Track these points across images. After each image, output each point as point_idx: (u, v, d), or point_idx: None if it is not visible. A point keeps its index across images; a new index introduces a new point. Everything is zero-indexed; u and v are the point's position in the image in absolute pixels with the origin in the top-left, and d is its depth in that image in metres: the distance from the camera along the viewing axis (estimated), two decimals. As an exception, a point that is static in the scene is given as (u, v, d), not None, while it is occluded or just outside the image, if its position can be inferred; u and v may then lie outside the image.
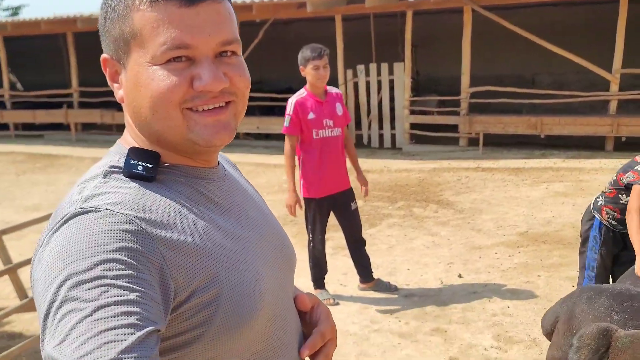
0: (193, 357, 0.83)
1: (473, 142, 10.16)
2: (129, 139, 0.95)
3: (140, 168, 0.88)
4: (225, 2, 0.89)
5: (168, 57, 0.85)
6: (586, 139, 9.64)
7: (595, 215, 3.26)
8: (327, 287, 4.40)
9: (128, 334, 0.70)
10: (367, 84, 11.01)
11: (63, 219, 0.81)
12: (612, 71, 9.19)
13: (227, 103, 0.91)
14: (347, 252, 4.87)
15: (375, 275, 4.53)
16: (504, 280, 4.50)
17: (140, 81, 0.87)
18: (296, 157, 4.11)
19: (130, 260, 0.76)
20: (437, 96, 11.83)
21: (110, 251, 0.76)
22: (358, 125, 11.37)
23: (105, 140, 13.40)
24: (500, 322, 3.82)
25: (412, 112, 10.71)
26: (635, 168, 3.05)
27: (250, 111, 12.28)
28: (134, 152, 0.91)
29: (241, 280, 0.89)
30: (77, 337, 0.69)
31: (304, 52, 3.91)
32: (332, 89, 4.18)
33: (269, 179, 8.83)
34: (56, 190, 8.74)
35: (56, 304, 0.73)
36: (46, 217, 4.21)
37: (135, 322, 0.71)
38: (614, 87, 9.22)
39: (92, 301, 0.71)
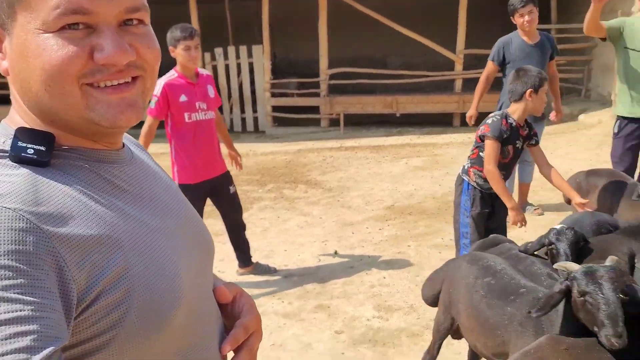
0: None
1: (334, 122, 10.43)
2: (16, 119, 0.81)
3: (30, 151, 0.75)
4: None
5: (62, 23, 0.73)
6: (436, 116, 10.31)
7: (464, 178, 3.47)
8: None
9: (24, 359, 0.60)
10: (227, 67, 10.82)
11: None
12: (456, 52, 9.90)
13: (133, 78, 0.80)
14: (220, 238, 4.77)
15: (254, 259, 4.48)
16: (377, 253, 4.69)
17: (28, 51, 0.74)
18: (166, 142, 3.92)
19: (21, 266, 0.65)
20: (295, 78, 11.97)
21: None
22: (219, 109, 11.17)
23: None
24: (378, 293, 3.97)
25: (273, 95, 10.73)
26: (486, 121, 3.32)
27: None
28: (23, 133, 0.77)
29: (156, 274, 0.79)
30: None
31: (174, 32, 3.71)
32: (203, 71, 4.02)
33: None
34: None
35: None
36: None
37: (32, 344, 0.61)
38: (459, 67, 9.94)
39: None
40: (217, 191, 4.09)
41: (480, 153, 3.37)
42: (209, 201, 4.18)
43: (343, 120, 10.07)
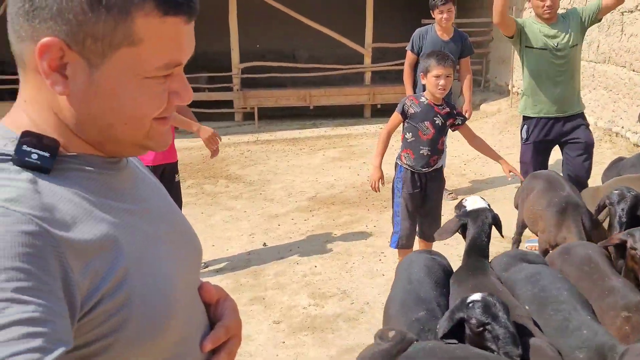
0: None
1: (248, 116, 10.41)
2: (20, 121, 0.80)
3: (34, 157, 0.75)
4: None
5: (161, 74, 0.80)
6: (348, 108, 10.57)
7: (398, 163, 3.67)
8: None
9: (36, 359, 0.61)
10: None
11: None
12: (365, 45, 10.18)
13: None
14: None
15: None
16: (305, 243, 4.80)
17: (122, 91, 0.78)
18: None
19: (32, 268, 0.65)
20: (205, 73, 11.80)
21: (7, 258, 0.65)
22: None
23: None
24: (311, 282, 4.08)
25: (185, 90, 10.52)
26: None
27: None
28: (28, 137, 0.77)
29: (154, 280, 0.82)
30: None
31: None
32: None
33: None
34: None
35: None
36: None
37: (44, 344, 0.62)
38: (367, 60, 10.24)
39: None
40: (164, 179, 4.00)
41: (406, 135, 3.58)
42: None
43: (257, 114, 10.08)
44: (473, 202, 2.82)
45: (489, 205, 2.86)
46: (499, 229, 2.87)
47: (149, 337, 0.79)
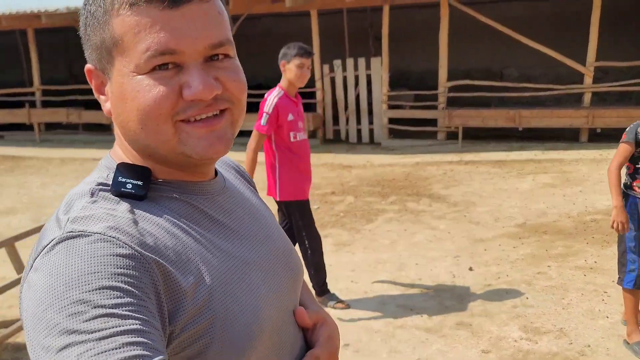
0: None
1: (450, 135, 10.26)
2: (119, 153, 0.88)
3: (129, 186, 0.81)
4: (213, 0, 0.81)
5: (152, 64, 0.77)
6: (560, 131, 9.86)
7: (629, 193, 3.29)
8: (334, 290, 4.30)
9: None
10: (344, 79, 10.98)
11: (50, 243, 0.74)
12: (586, 64, 9.42)
13: (221, 111, 0.83)
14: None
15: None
16: (515, 272, 4.53)
17: (125, 93, 0.79)
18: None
19: (128, 287, 0.69)
20: (410, 90, 11.91)
21: (106, 278, 0.69)
22: (336, 120, 11.34)
23: (71, 140, 12.95)
24: (523, 314, 3.83)
25: (390, 107, 10.74)
26: (626, 130, 3.26)
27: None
28: (123, 168, 0.84)
29: (239, 309, 0.82)
30: None
31: (291, 49, 3.72)
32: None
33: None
34: (29, 193, 8.37)
35: (51, 337, 0.65)
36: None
37: (143, 352, 0.65)
38: (588, 79, 9.45)
39: (92, 332, 0.64)
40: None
41: (636, 165, 3.21)
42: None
43: (462, 134, 9.88)
44: None
45: None
46: None
47: None
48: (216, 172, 0.95)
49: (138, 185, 0.82)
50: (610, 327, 3.59)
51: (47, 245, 0.74)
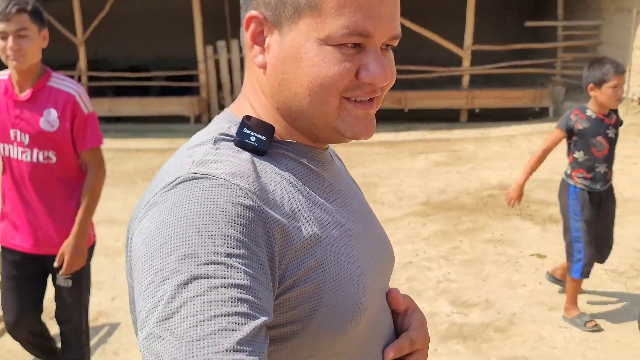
0: (290, 352, 0.76)
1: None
2: (244, 107, 0.87)
3: (253, 139, 0.81)
4: None
5: (345, 41, 0.77)
6: (441, 112, 10.32)
7: (569, 182, 3.38)
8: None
9: (241, 323, 0.63)
10: (229, 61, 10.65)
11: (174, 182, 0.74)
12: (464, 47, 9.92)
13: (372, 98, 0.85)
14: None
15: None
16: (430, 248, 4.63)
17: (304, 56, 0.78)
18: None
19: (245, 239, 0.69)
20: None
21: (225, 225, 0.68)
22: (222, 106, 11.00)
23: None
24: (448, 289, 3.91)
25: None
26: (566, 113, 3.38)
27: (100, 92, 11.26)
28: (249, 122, 0.83)
29: (346, 277, 0.81)
30: (188, 316, 0.62)
31: None
32: (60, 83, 2.44)
33: (137, 165, 8.17)
34: None
35: (162, 275, 0.66)
36: None
37: (249, 311, 0.64)
38: (466, 62, 9.97)
39: (204, 278, 0.64)
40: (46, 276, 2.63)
41: (574, 155, 3.33)
42: None
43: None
44: None
45: None
46: None
47: (336, 331, 0.78)
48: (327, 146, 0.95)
49: (262, 139, 0.81)
50: (530, 295, 3.77)
51: (170, 183, 0.74)
